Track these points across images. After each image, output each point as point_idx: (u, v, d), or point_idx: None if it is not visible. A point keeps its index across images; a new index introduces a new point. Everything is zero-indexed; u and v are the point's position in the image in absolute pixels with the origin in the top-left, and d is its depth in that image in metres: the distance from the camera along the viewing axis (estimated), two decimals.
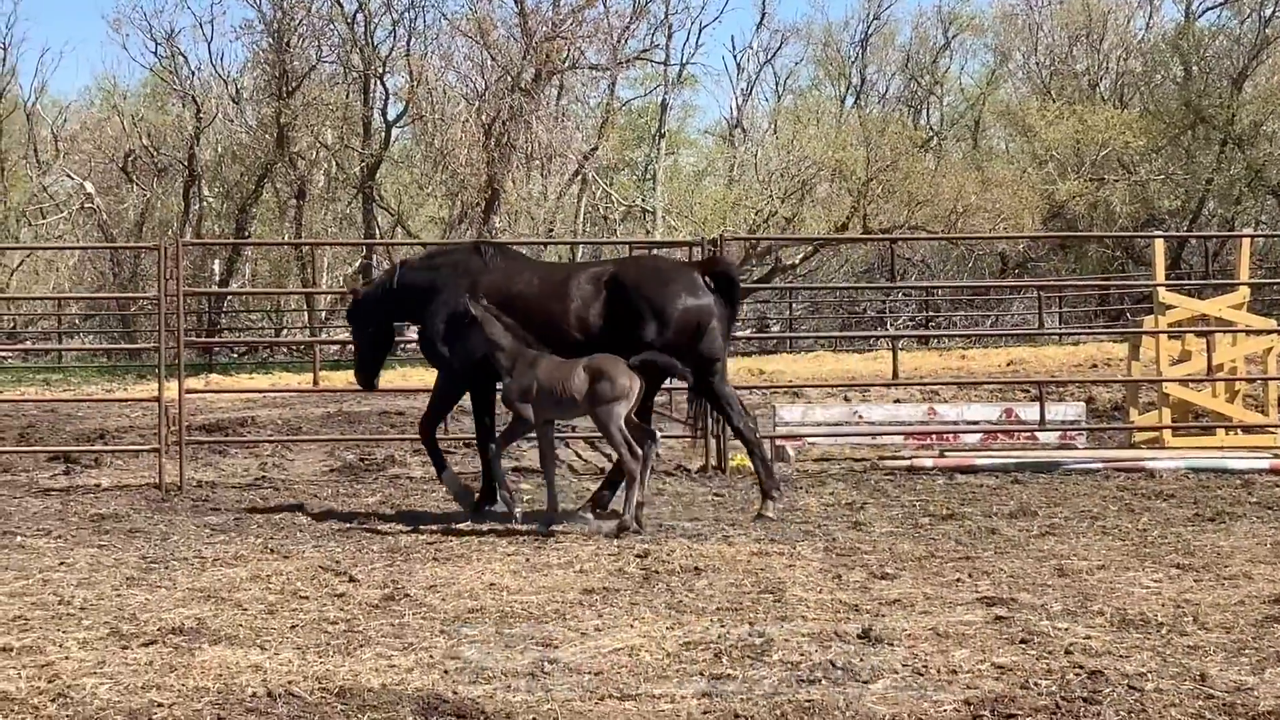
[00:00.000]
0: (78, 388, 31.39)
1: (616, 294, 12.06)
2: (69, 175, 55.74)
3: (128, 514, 12.67)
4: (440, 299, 12.37)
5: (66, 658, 7.44)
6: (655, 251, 25.28)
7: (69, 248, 49.26)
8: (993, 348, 35.50)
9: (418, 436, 13.30)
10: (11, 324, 47.22)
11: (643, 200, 53.45)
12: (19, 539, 11.30)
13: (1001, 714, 6.41)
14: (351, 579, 9.55)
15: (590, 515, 12.22)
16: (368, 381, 13.24)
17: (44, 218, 55.89)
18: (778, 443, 15.66)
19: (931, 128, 62.35)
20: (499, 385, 12.14)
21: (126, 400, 23.30)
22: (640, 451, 11.32)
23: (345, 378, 31.58)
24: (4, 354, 41.14)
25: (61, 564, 10.16)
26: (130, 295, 43.12)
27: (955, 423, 16.25)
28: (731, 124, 61.84)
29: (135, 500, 13.58)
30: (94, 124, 57.57)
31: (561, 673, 7.21)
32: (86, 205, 53.55)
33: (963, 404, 17.75)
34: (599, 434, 12.17)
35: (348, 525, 11.92)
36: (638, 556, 10.25)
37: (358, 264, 50.43)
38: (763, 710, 6.52)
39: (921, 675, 7.06)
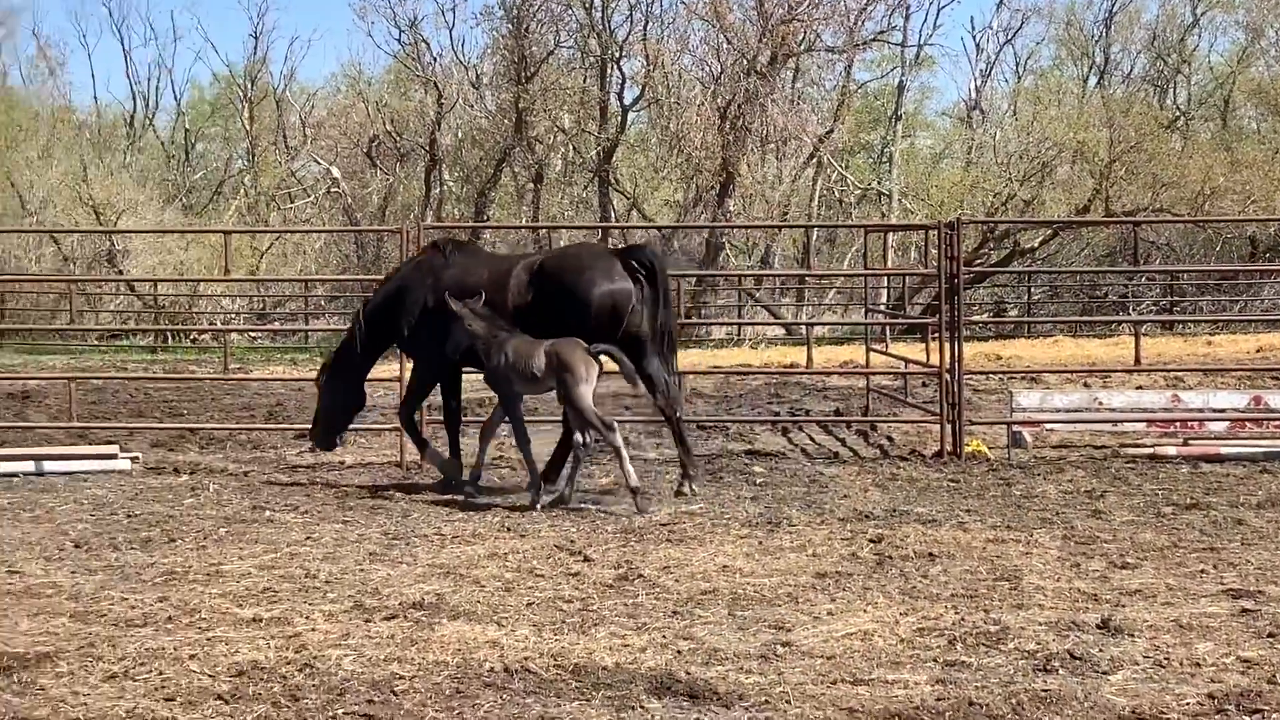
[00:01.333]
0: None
1: (541, 283, 12.75)
2: (316, 160, 57.23)
3: (371, 490, 12.99)
4: (411, 298, 13.25)
5: (313, 629, 7.67)
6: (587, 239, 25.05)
7: (315, 231, 50.54)
8: (1241, 333, 34.40)
9: (650, 419, 13.40)
10: (261, 305, 48.71)
11: (878, 183, 52.97)
12: (268, 514, 11.67)
13: (1247, 709, 6.24)
14: (586, 559, 9.67)
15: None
16: (329, 443, 13.97)
17: (292, 202, 57.50)
18: (1014, 429, 15.41)
19: (1178, 107, 60.53)
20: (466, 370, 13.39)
21: (370, 380, 23.85)
22: (615, 425, 12.08)
23: None
24: (254, 334, 42.45)
25: (308, 539, 10.47)
26: (373, 278, 44.11)
27: (1200, 410, 15.76)
28: (970, 105, 60.80)
29: (377, 477, 13.91)
30: (340, 110, 59.00)
31: (794, 656, 7.21)
32: (332, 190, 54.95)
33: (1208, 391, 17.23)
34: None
35: (582, 506, 12.06)
36: (871, 541, 10.19)
37: None
38: (998, 699, 6.44)
39: (1163, 667, 6.90)
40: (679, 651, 7.28)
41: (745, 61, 44.97)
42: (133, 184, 52.93)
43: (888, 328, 22.94)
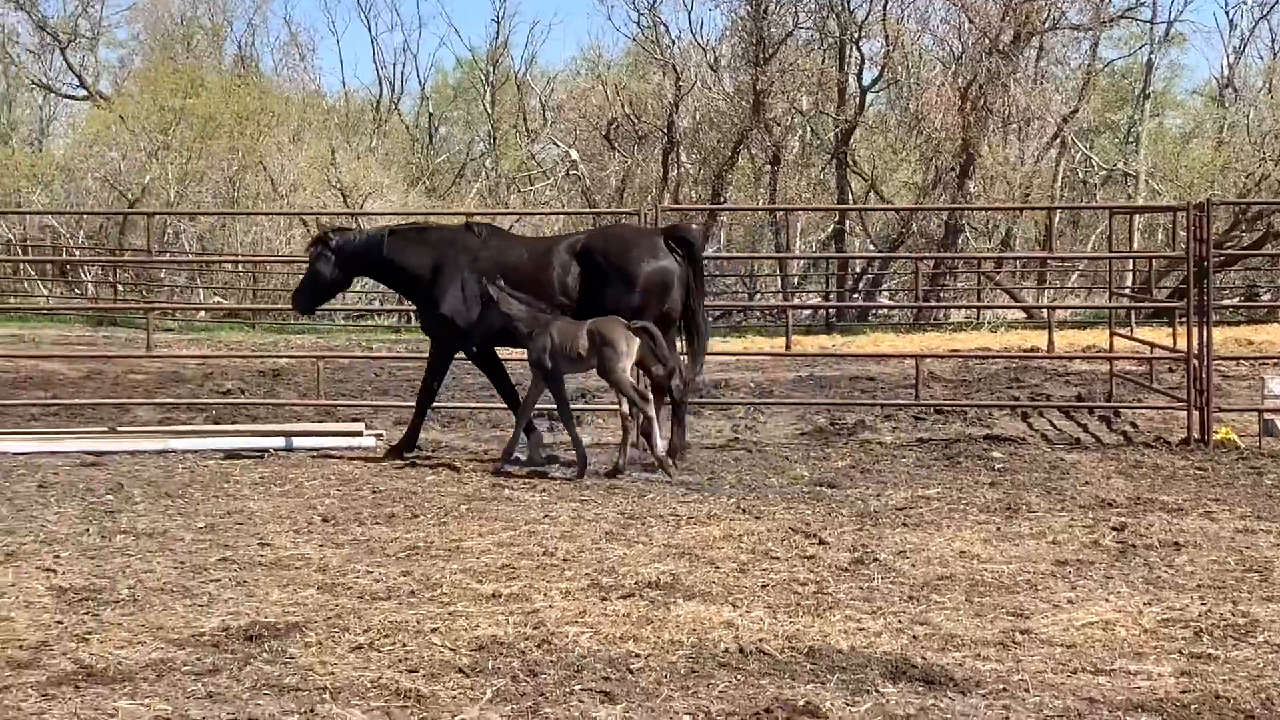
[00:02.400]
0: None
1: (588, 261, 13.16)
2: (555, 143, 57.92)
3: (605, 470, 13.10)
4: (441, 275, 13.50)
5: (550, 606, 7.77)
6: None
7: (554, 213, 51.11)
8: None
9: (887, 402, 13.32)
10: None
11: (1124, 164, 51.66)
12: (507, 491, 11.85)
13: None
14: (821, 541, 9.63)
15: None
16: (306, 307, 14.49)
17: (531, 184, 58.28)
18: (1267, 416, 14.94)
19: None
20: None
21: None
22: (650, 397, 12.68)
23: (817, 342, 31.85)
24: None
25: (546, 517, 10.61)
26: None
27: None
28: (1222, 83, 58.93)
29: (614, 457, 14.01)
30: (579, 93, 59.54)
31: (1032, 644, 7.09)
32: (571, 172, 55.55)
33: None
34: None
35: (818, 488, 12.02)
36: (1114, 529, 9.98)
37: (830, 229, 50.65)
38: (1246, 693, 6.25)
39: None
40: (914, 637, 7.21)
41: (987, 40, 44.27)
42: (378, 167, 54.21)
43: (1133, 312, 22.42)
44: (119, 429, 15.22)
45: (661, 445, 12.73)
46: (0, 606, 7.76)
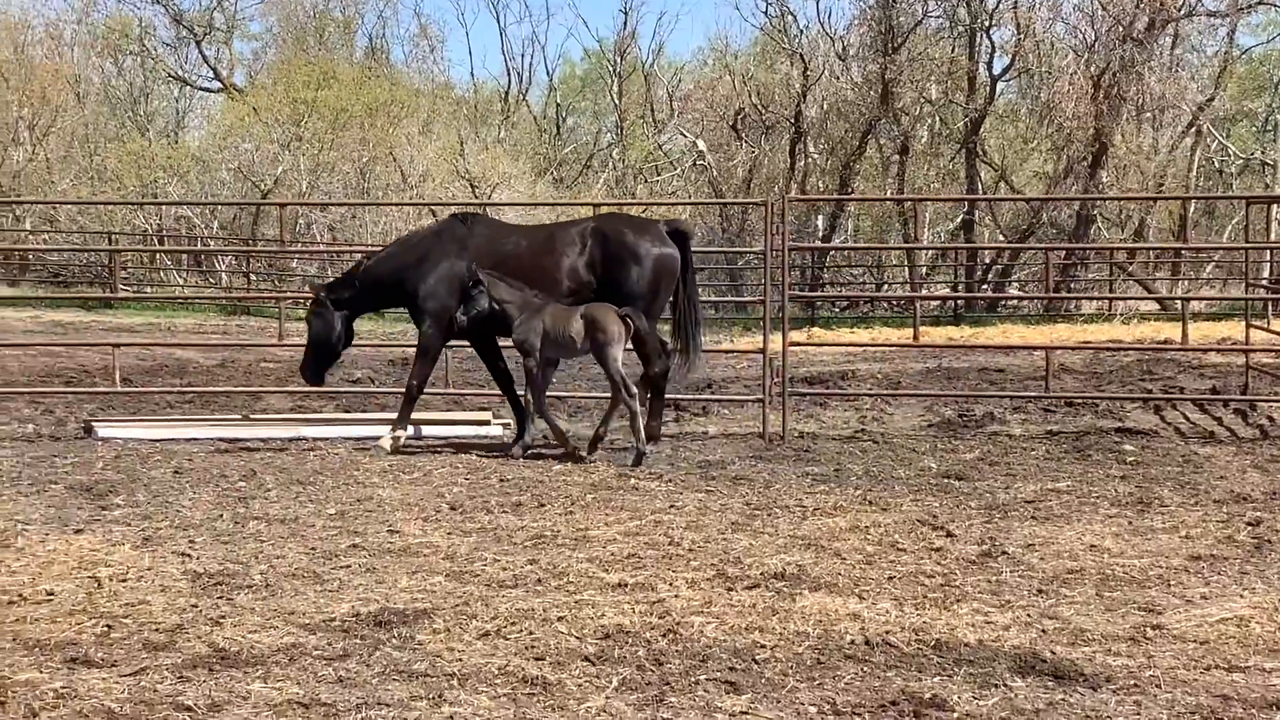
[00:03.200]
0: None
1: (603, 246, 13.42)
2: (682, 133, 57.95)
3: (732, 461, 13.10)
4: (430, 266, 13.63)
5: (676, 596, 7.78)
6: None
7: (681, 203, 51.08)
8: None
9: (1017, 394, 13.20)
10: None
11: (1262, 153, 50.68)
12: (633, 481, 11.88)
13: None
14: (949, 534, 9.56)
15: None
16: (319, 377, 14.31)
17: (658, 175, 58.35)
18: None
19: None
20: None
21: (733, 351, 24.06)
22: (635, 390, 12.92)
23: (945, 333, 31.59)
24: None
25: (671, 507, 10.62)
26: (738, 250, 44.41)
27: None
28: None
29: (739, 448, 14.01)
30: (706, 84, 59.51)
31: (1165, 639, 6.99)
32: (698, 162, 55.54)
33: None
34: None
35: (945, 480, 11.93)
36: (1249, 524, 9.80)
37: (959, 219, 50.18)
38: None
39: None
40: (1044, 630, 7.14)
41: (1121, 28, 43.58)
42: (506, 157, 54.52)
43: (1270, 303, 21.98)
44: (252, 416, 15.46)
45: (644, 436, 13.00)
46: (137, 590, 7.92)
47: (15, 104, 54.83)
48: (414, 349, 14.19)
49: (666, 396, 14.17)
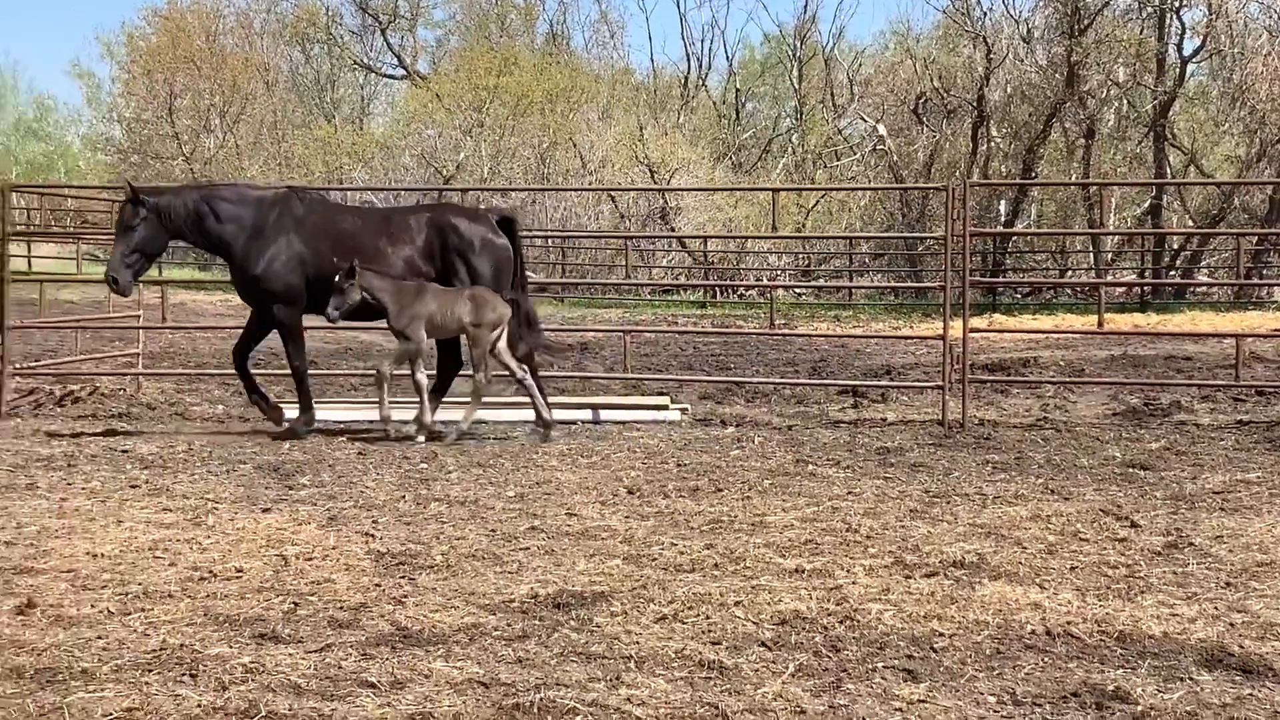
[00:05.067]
0: (866, 324, 32.46)
1: (438, 235, 13.54)
2: (862, 118, 57.56)
3: (911, 448, 13.00)
4: (267, 238, 13.34)
5: (853, 583, 7.74)
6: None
7: (861, 189, 50.86)
8: None
9: (1205, 383, 12.95)
10: (806, 262, 49.41)
11: None
12: (810, 467, 11.84)
13: None
14: (1133, 524, 9.38)
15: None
16: (126, 286, 13.51)
17: (838, 160, 58.02)
18: None
19: None
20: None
21: (912, 338, 23.87)
22: (521, 371, 13.50)
23: (1131, 320, 30.99)
24: (800, 290, 43.13)
25: (849, 493, 10.57)
26: (918, 235, 44.07)
27: None
28: None
29: (919, 435, 13.90)
30: (887, 68, 59.05)
31: None
32: (878, 147, 55.13)
33: None
34: None
35: (1130, 470, 11.71)
36: None
37: (1146, 204, 49.17)
38: None
39: None
40: (1231, 624, 6.97)
41: None
42: (685, 143, 54.59)
43: None
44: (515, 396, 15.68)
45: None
46: (323, 568, 8.08)
47: (207, 92, 56.29)
48: (590, 333, 14.29)
49: (842, 381, 14.09)
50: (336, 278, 12.77)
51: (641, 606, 7.25)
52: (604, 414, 14.88)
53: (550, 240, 46.72)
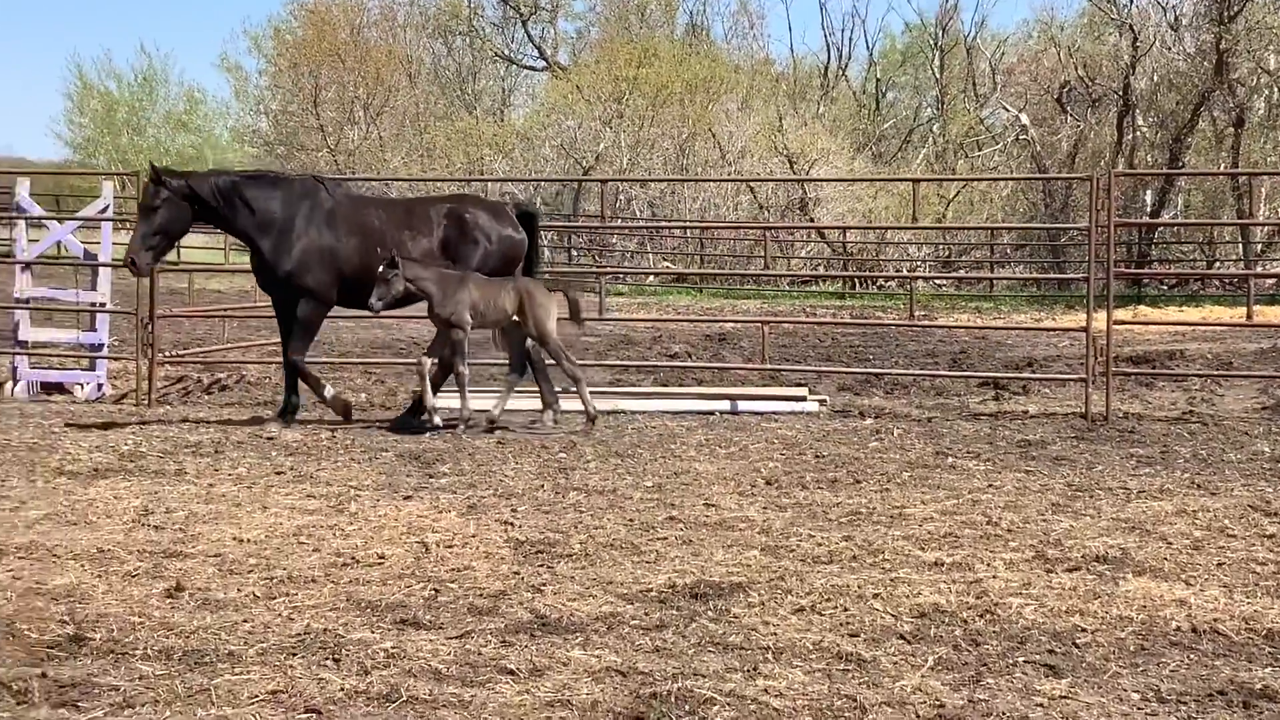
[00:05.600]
0: (1007, 316, 32.11)
1: (456, 226, 13.45)
2: (1005, 107, 56.83)
3: (1053, 441, 12.84)
4: (297, 232, 13.15)
5: (994, 576, 7.67)
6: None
7: (1003, 179, 50.25)
8: None
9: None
10: (946, 252, 48.99)
11: None
12: (950, 460, 11.74)
13: None
14: None
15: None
16: (145, 267, 13.28)
17: (979, 149, 57.38)
18: None
19: None
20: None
21: (1054, 329, 23.57)
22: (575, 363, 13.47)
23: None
24: (940, 281, 42.76)
25: (990, 486, 10.47)
26: (1061, 226, 43.46)
27: None
28: None
29: (1061, 428, 13.72)
30: (1030, 56, 58.26)
31: None
32: (1021, 137, 54.42)
33: None
34: None
35: (1278, 465, 11.48)
36: None
37: None
38: None
39: None
40: None
41: None
42: (825, 133, 54.29)
43: None
44: (570, 389, 15.75)
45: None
46: (463, 556, 8.17)
47: (352, 84, 57.01)
48: (728, 323, 14.24)
49: (983, 373, 13.93)
50: (380, 268, 12.66)
51: (779, 598, 7.24)
52: (742, 405, 14.87)
53: (689, 231, 46.75)
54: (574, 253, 44.62)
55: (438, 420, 13.08)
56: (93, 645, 6.34)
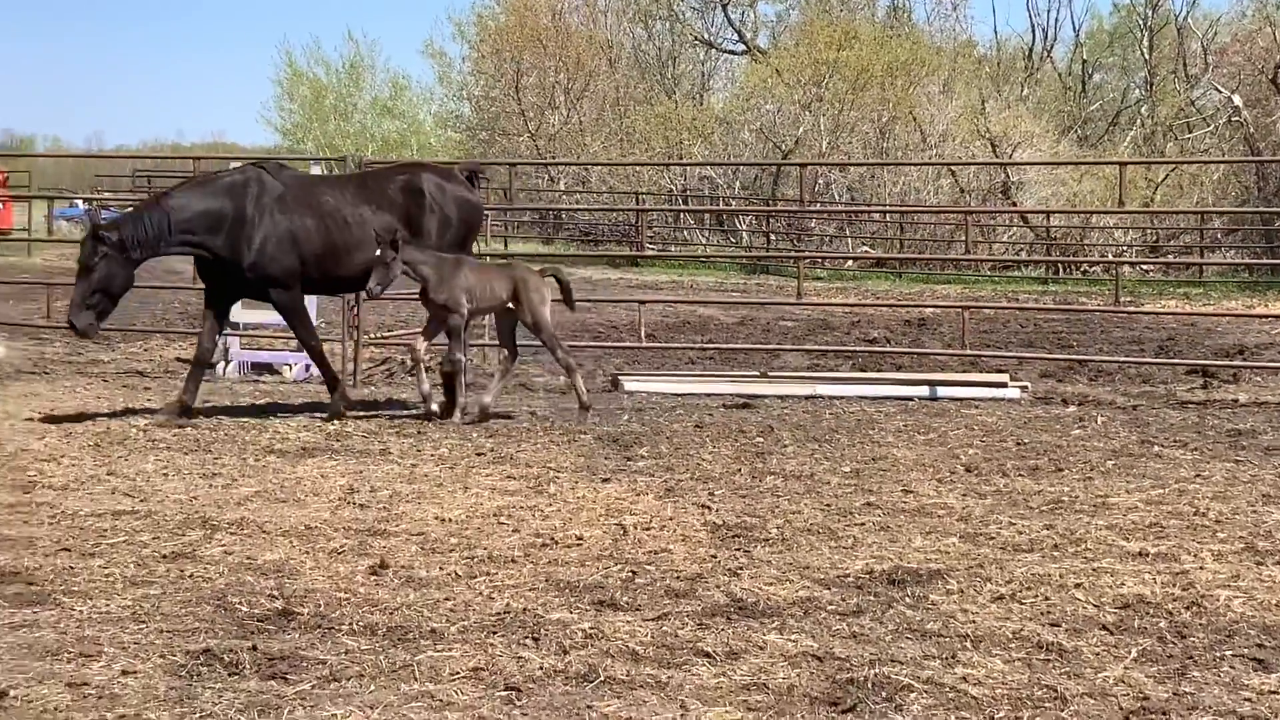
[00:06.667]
0: (1217, 302, 31.31)
1: (414, 198, 12.93)
2: (1217, 89, 55.36)
3: (1265, 431, 12.51)
4: (251, 222, 12.47)
5: (1200, 568, 7.51)
6: None
7: (1214, 161, 48.94)
8: None
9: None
10: (1154, 237, 47.89)
11: None
12: (1156, 449, 11.51)
13: None
14: None
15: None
16: (88, 328, 12.33)
17: (1189, 132, 55.98)
18: None
19: None
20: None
21: (1267, 316, 22.93)
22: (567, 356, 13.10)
23: None
24: (1146, 267, 41.83)
25: (1197, 476, 10.23)
26: (1276, 210, 42.31)
27: None
28: None
29: (1273, 417, 13.36)
30: (1244, 36, 56.62)
31: None
32: (1233, 119, 52.98)
33: None
34: None
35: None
36: None
37: None
38: None
39: None
40: None
41: None
42: (1029, 116, 53.38)
43: None
44: (769, 374, 15.75)
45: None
46: (660, 538, 8.22)
47: (553, 69, 57.51)
48: (928, 308, 14.04)
49: (1190, 361, 13.58)
50: (378, 251, 12.20)
51: (978, 585, 7.17)
52: (941, 390, 14.73)
53: (888, 215, 46.35)
54: (772, 237, 44.50)
55: (434, 407, 12.75)
56: (300, 619, 6.50)
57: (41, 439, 11.21)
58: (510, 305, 12.83)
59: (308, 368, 15.70)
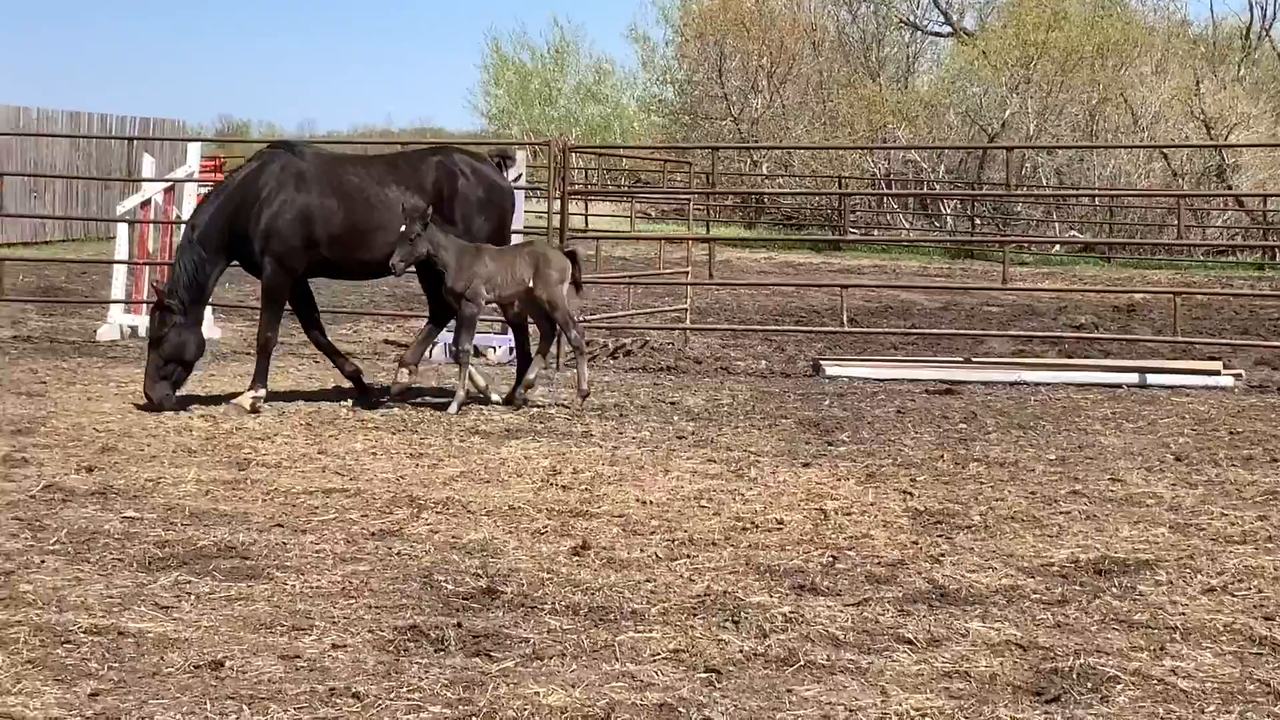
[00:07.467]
0: None
1: (448, 180, 12.52)
2: None
3: None
4: (266, 205, 12.13)
5: None
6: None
7: None
8: None
9: None
10: None
11: None
12: None
13: None
14: None
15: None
16: (165, 399, 11.85)
17: None
18: None
19: None
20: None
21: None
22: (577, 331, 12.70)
23: None
24: None
25: None
26: None
27: None
28: None
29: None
30: None
31: None
32: None
33: None
34: None
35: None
36: None
37: None
38: None
39: None
40: None
41: None
42: (1245, 97, 51.94)
43: None
44: (974, 359, 15.57)
45: (587, 376, 12.73)
46: (861, 524, 8.18)
47: (755, 53, 57.40)
48: (1138, 294, 13.73)
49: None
50: (404, 227, 11.85)
51: (1188, 577, 7.03)
52: (1151, 378, 14.41)
53: (1097, 199, 45.46)
54: (977, 221, 43.93)
55: (495, 396, 12.71)
56: (504, 598, 6.61)
57: (256, 418, 11.53)
58: (532, 286, 12.41)
59: (511, 350, 15.89)
